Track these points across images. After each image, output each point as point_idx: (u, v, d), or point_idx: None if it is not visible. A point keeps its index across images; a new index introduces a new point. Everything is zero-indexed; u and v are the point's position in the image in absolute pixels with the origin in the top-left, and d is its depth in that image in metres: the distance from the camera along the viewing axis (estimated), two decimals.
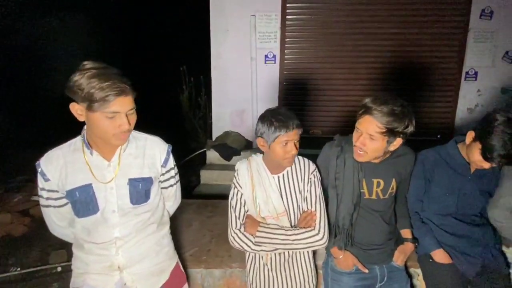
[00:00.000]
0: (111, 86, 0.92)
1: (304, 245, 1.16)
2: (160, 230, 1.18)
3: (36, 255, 2.62)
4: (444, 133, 3.50)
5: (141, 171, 1.09)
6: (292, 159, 1.18)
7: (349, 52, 3.45)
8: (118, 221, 1.06)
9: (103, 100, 0.91)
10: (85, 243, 1.08)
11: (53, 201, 1.07)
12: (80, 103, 0.95)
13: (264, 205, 1.21)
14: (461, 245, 1.33)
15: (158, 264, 1.16)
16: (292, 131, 1.12)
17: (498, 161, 1.14)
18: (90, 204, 1.04)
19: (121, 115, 0.96)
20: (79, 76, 0.92)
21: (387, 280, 1.30)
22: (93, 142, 1.04)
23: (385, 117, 1.09)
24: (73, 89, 0.93)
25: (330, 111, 3.56)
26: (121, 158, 1.07)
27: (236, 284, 1.52)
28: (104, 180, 1.05)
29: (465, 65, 3.45)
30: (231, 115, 3.66)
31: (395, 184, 1.28)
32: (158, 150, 1.14)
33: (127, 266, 1.09)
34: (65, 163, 1.04)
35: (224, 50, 3.50)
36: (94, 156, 1.04)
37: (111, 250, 1.07)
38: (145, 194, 1.10)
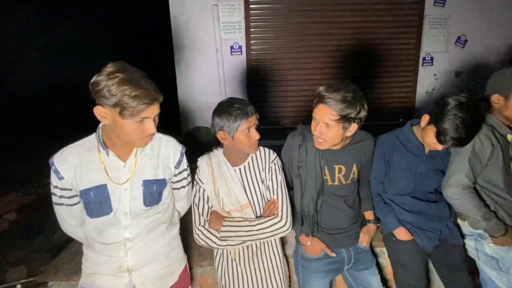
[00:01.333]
0: (145, 94, 0.91)
1: (269, 233, 1.16)
2: (170, 230, 1.17)
3: None
4: (405, 116, 3.69)
5: (156, 172, 1.08)
6: (257, 145, 1.18)
7: (313, 41, 3.48)
8: (130, 223, 1.06)
9: (137, 109, 0.91)
10: (95, 243, 1.07)
11: (66, 199, 1.05)
12: (108, 108, 0.92)
13: (227, 199, 1.19)
14: (419, 221, 1.39)
15: (168, 266, 1.15)
16: (252, 116, 1.13)
17: (451, 144, 1.20)
18: (104, 205, 1.03)
19: (150, 120, 0.97)
20: (108, 81, 0.89)
21: (354, 262, 1.34)
22: (109, 142, 1.02)
23: (338, 104, 1.11)
24: (102, 94, 0.90)
25: (299, 101, 3.59)
26: (137, 159, 1.06)
27: (208, 282, 1.49)
28: (119, 181, 1.03)
29: (422, 51, 3.63)
30: (199, 110, 3.55)
31: (356, 169, 1.31)
32: (173, 151, 1.13)
33: (136, 268, 1.08)
34: (80, 162, 1.02)
35: (187, 42, 3.37)
36: (110, 156, 1.03)
37: (120, 252, 1.06)
38: (158, 196, 1.09)
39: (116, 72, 0.89)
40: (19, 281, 2.28)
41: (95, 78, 0.91)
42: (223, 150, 1.25)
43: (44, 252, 2.63)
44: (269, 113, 3.60)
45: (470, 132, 1.18)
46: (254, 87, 3.54)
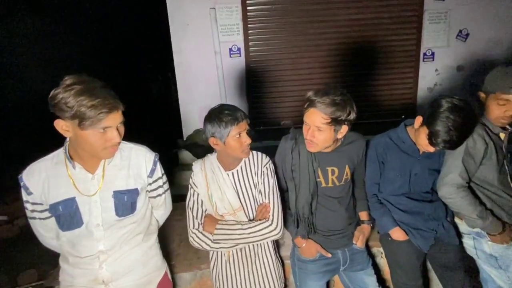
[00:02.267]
0: (103, 103, 0.90)
1: (260, 237, 1.18)
2: (146, 240, 1.16)
3: (3, 277, 2.48)
4: (407, 113, 3.66)
5: (126, 182, 1.07)
6: (249, 150, 1.21)
7: (312, 41, 3.48)
8: (103, 235, 1.05)
9: (96, 118, 0.90)
10: (70, 256, 1.07)
11: (38, 213, 1.06)
12: (68, 121, 0.92)
13: (220, 203, 1.21)
14: (415, 221, 1.40)
15: (145, 275, 1.14)
16: (242, 121, 1.16)
17: (442, 146, 1.20)
18: (74, 218, 1.02)
19: (112, 129, 0.96)
20: (64, 93, 0.88)
21: (350, 263, 1.36)
22: (76, 155, 1.02)
23: (328, 107, 1.13)
24: (59, 107, 0.90)
25: (298, 101, 3.57)
26: (105, 170, 1.05)
27: (208, 284, 1.52)
28: (88, 193, 1.03)
29: (423, 46, 3.58)
30: (199, 113, 3.59)
31: (348, 170, 1.32)
32: (144, 160, 1.11)
33: (112, 279, 1.07)
34: (47, 177, 1.02)
35: (186, 46, 3.40)
36: (77, 169, 1.02)
37: (95, 264, 1.05)
38: (131, 206, 1.08)
39: (72, 84, 0.90)
40: (30, 284, 2.36)
41: (52, 92, 0.91)
42: (216, 155, 1.27)
43: (53, 257, 2.70)
44: (269, 114, 3.62)
45: (462, 136, 1.18)
46: (254, 88, 3.56)
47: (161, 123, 4.33)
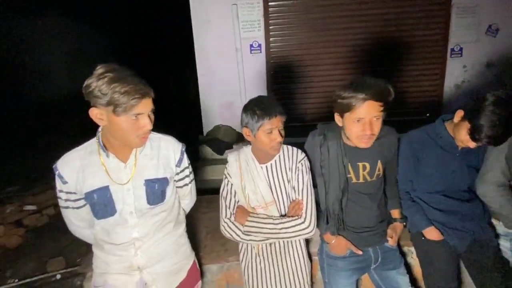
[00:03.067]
0: (135, 89, 0.93)
1: (291, 234, 1.17)
2: (177, 229, 1.19)
3: (34, 264, 2.60)
4: (432, 111, 3.54)
5: (157, 171, 1.09)
6: (279, 147, 1.19)
7: (333, 36, 3.42)
8: (137, 222, 1.07)
9: (129, 104, 0.92)
10: (104, 243, 1.09)
11: (72, 202, 1.08)
12: (102, 108, 0.94)
13: (252, 195, 1.21)
14: (451, 221, 1.35)
15: (176, 263, 1.17)
16: (275, 118, 1.13)
17: (485, 141, 1.14)
18: (108, 206, 1.05)
19: (144, 116, 0.98)
20: (98, 82, 0.91)
21: (381, 261, 1.32)
22: (109, 145, 1.04)
23: (382, 94, 1.10)
24: (93, 94, 0.93)
25: (320, 97, 3.55)
26: (137, 159, 1.07)
27: (235, 277, 1.53)
28: (121, 181, 1.05)
29: (450, 41, 3.45)
30: (219, 109, 3.62)
31: (381, 165, 1.28)
32: (172, 150, 1.14)
33: (147, 266, 1.10)
34: (81, 166, 1.04)
35: (208, 42, 3.43)
36: (110, 158, 1.05)
37: (130, 251, 1.08)
38: (161, 194, 1.11)
39: (105, 73, 0.92)
40: (59, 271, 2.46)
41: (86, 81, 0.94)
42: (251, 147, 1.27)
43: (80, 245, 2.81)
44: (290, 111, 3.60)
45: (507, 131, 1.12)
46: (274, 85, 3.55)
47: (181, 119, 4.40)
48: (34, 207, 3.41)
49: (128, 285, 1.10)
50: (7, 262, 2.64)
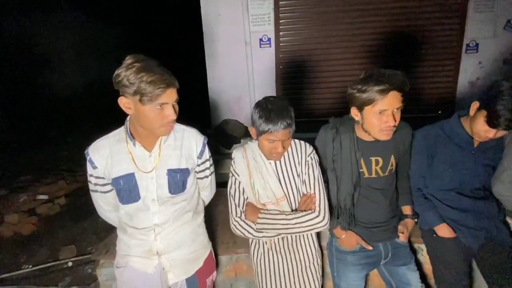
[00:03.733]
0: (161, 79, 0.96)
1: (305, 228, 1.16)
2: (195, 218, 1.22)
3: (46, 252, 2.67)
4: (445, 109, 3.46)
5: (179, 162, 1.13)
6: (278, 157, 1.17)
7: (345, 30, 3.36)
8: (158, 209, 1.11)
9: (155, 94, 0.95)
10: (127, 227, 1.15)
11: (100, 187, 1.14)
12: (130, 97, 0.98)
13: (262, 191, 1.20)
14: (465, 218, 1.32)
15: (194, 252, 1.20)
16: (280, 131, 1.08)
17: (505, 126, 1.13)
18: (133, 192, 1.09)
19: (169, 106, 1.01)
20: (127, 71, 0.95)
21: (392, 257, 1.31)
22: (136, 134, 1.08)
23: (402, 84, 1.08)
24: (122, 83, 0.96)
25: (331, 93, 3.51)
26: (161, 149, 1.11)
27: (243, 269, 1.54)
28: (146, 170, 1.09)
29: (466, 37, 3.35)
30: (228, 103, 3.61)
31: (394, 160, 1.26)
32: (195, 142, 1.17)
33: (165, 251, 1.14)
34: (110, 153, 1.09)
35: (217, 36, 3.42)
36: (136, 147, 1.09)
37: (150, 236, 1.13)
38: (182, 184, 1.14)
39: (133, 63, 0.96)
40: (71, 259, 2.53)
41: (116, 71, 0.98)
42: (258, 143, 1.26)
43: (90, 234, 2.88)
44: (299, 106, 3.57)
45: None
46: (284, 80, 3.52)
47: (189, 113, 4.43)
48: (46, 197, 3.50)
49: (147, 268, 1.14)
50: (22, 249, 2.73)
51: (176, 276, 1.16)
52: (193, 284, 1.21)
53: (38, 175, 4.17)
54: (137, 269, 1.15)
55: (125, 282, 1.18)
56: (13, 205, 3.32)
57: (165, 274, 1.16)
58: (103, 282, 1.54)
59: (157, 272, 1.15)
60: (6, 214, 3.09)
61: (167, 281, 1.17)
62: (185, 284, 1.19)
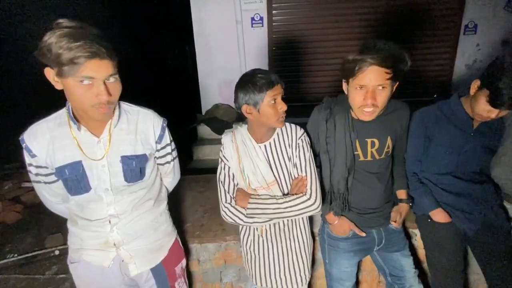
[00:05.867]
0: (82, 46, 0.80)
1: (297, 211, 1.11)
2: (157, 206, 1.13)
3: (32, 240, 2.60)
4: (440, 92, 3.40)
5: (134, 147, 1.01)
6: (284, 117, 1.11)
7: (340, 10, 3.22)
8: (113, 199, 1.01)
9: (72, 63, 0.80)
10: (79, 219, 1.03)
11: (43, 177, 1.00)
12: (52, 68, 0.84)
13: (252, 176, 1.14)
14: (460, 203, 1.28)
15: (156, 241, 1.12)
16: (277, 85, 1.06)
17: (509, 105, 1.05)
18: (81, 182, 0.97)
19: (98, 82, 0.85)
20: (49, 35, 0.80)
21: (385, 243, 1.27)
22: (80, 116, 0.95)
23: (390, 58, 0.99)
24: (42, 51, 0.82)
25: (325, 75, 3.40)
26: (111, 134, 0.98)
27: (232, 256, 1.50)
28: (95, 157, 0.97)
29: (465, 17, 3.24)
30: (219, 87, 3.48)
31: (390, 142, 1.20)
32: (152, 125, 1.05)
33: (123, 243, 1.05)
34: (51, 138, 0.95)
35: (206, 14, 3.23)
36: (82, 131, 0.95)
37: (106, 227, 1.03)
38: (140, 171, 1.03)
39: (60, 27, 0.81)
40: (57, 247, 2.46)
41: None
42: (247, 127, 1.19)
43: None
44: (293, 89, 3.46)
45: None
46: (276, 61, 3.39)
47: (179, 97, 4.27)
48: (31, 184, 3.39)
49: (104, 261, 1.04)
50: (6, 238, 2.65)
51: (138, 267, 1.08)
52: (160, 274, 1.13)
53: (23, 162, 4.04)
54: (92, 263, 1.05)
55: (81, 277, 1.08)
56: None
57: (125, 266, 1.07)
58: None
59: (116, 264, 1.06)
60: None
61: (128, 273, 1.08)
62: (151, 274, 1.11)
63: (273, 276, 1.20)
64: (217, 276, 1.53)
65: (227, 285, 1.55)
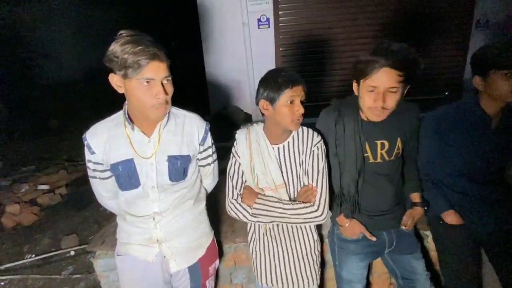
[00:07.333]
0: (144, 49, 0.91)
1: (302, 220, 1.11)
2: (197, 206, 1.19)
3: (48, 241, 2.69)
4: (452, 90, 3.32)
5: (180, 148, 1.09)
6: (300, 121, 1.10)
7: (347, 9, 3.18)
8: (157, 197, 1.08)
9: (137, 64, 0.91)
10: (127, 215, 1.11)
11: (99, 173, 1.10)
12: (117, 73, 0.95)
13: (262, 176, 1.15)
14: (474, 204, 1.25)
15: (196, 240, 1.18)
16: (298, 86, 1.06)
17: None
18: (132, 179, 1.06)
19: (156, 82, 0.95)
20: (114, 45, 0.92)
21: (396, 245, 1.26)
22: (134, 117, 1.04)
23: (404, 61, 0.98)
24: (109, 58, 0.93)
25: (333, 75, 3.37)
26: (160, 134, 1.07)
27: (242, 258, 1.51)
28: (145, 155, 1.05)
29: (476, 12, 3.16)
30: (227, 88, 3.50)
31: (400, 143, 1.18)
32: (197, 128, 1.13)
33: (166, 240, 1.11)
34: (108, 137, 1.05)
35: (213, 17, 3.26)
36: (135, 131, 1.05)
37: (150, 224, 1.10)
38: (183, 171, 1.10)
39: (123, 36, 0.92)
40: (73, 248, 2.53)
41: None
42: (263, 125, 1.19)
43: (92, 223, 2.88)
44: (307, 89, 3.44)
45: None
46: (284, 62, 3.38)
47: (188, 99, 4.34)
48: (47, 187, 3.49)
49: (148, 256, 1.11)
50: (24, 239, 2.74)
51: (178, 264, 1.14)
52: (195, 272, 1.18)
53: (39, 165, 4.16)
54: (137, 258, 1.12)
55: (126, 270, 1.16)
56: (14, 196, 3.32)
57: (166, 263, 1.14)
58: (100, 273, 1.52)
59: (158, 260, 1.13)
60: (8, 204, 3.10)
61: (168, 269, 1.14)
62: (187, 272, 1.17)
63: (279, 277, 1.20)
64: (227, 278, 1.55)
65: (237, 286, 1.57)
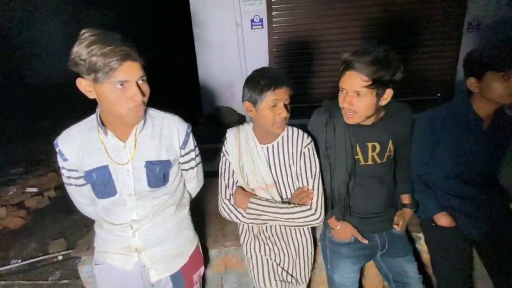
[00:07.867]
0: (114, 50, 0.82)
1: (298, 223, 1.09)
2: (179, 212, 1.13)
3: (35, 246, 2.61)
4: (444, 91, 3.35)
5: (158, 153, 1.02)
6: (283, 124, 1.07)
7: (341, 9, 3.19)
8: (136, 204, 1.02)
9: (107, 67, 0.82)
10: (104, 222, 1.06)
11: (74, 180, 1.04)
12: (86, 77, 0.86)
13: (252, 176, 1.13)
14: (467, 206, 1.24)
15: (178, 247, 1.12)
16: (281, 89, 1.01)
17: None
18: (108, 186, 1.00)
19: (131, 84, 0.87)
20: (78, 46, 0.83)
21: (388, 248, 1.24)
22: (107, 122, 0.97)
23: (370, 66, 0.96)
24: (75, 61, 0.84)
25: (326, 76, 3.37)
26: (137, 139, 1.00)
27: (233, 262, 1.48)
28: (121, 161, 0.99)
29: (468, 14, 3.19)
30: (220, 89, 3.47)
31: (392, 146, 1.17)
32: (176, 130, 1.05)
33: (145, 248, 1.06)
34: (81, 143, 0.98)
35: (206, 17, 3.23)
36: (109, 136, 0.98)
37: (128, 232, 1.04)
38: (163, 177, 1.04)
39: (87, 36, 0.83)
40: (60, 252, 2.46)
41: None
42: (252, 125, 1.18)
43: (81, 227, 2.81)
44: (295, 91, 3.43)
45: None
46: (277, 63, 3.37)
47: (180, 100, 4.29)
48: (35, 189, 3.41)
49: (126, 266, 1.06)
50: (10, 243, 2.66)
51: (159, 273, 1.08)
52: (178, 280, 1.13)
53: (27, 167, 4.06)
54: (115, 266, 1.07)
55: (105, 280, 1.10)
56: (1, 199, 3.23)
57: (146, 272, 1.08)
58: (86, 279, 1.47)
59: (137, 269, 1.07)
60: None
61: (149, 278, 1.08)
62: (170, 281, 1.11)
63: (272, 276, 1.17)
64: (218, 283, 1.52)
65: None
